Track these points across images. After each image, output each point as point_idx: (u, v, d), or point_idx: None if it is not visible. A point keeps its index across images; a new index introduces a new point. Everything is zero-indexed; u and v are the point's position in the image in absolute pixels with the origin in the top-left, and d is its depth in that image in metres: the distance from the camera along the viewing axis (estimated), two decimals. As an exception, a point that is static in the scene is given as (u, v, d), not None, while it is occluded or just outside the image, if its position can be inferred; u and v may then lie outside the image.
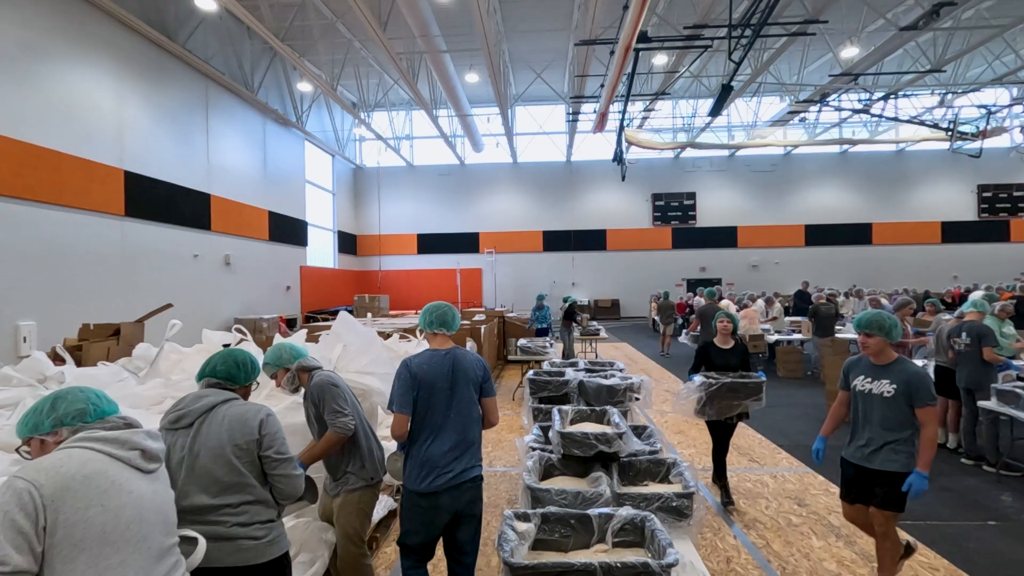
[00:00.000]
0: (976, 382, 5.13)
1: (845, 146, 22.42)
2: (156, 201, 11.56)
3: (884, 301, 11.67)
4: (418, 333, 6.04)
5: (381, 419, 4.02)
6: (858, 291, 14.58)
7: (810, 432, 6.30)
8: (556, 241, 23.66)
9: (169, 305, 7.56)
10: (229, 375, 2.12)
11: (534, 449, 3.11)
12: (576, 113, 18.47)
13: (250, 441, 1.93)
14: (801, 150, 22.81)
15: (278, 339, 4.05)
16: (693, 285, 22.03)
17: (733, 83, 12.71)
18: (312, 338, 4.91)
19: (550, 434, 3.13)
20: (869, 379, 2.93)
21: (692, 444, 5.99)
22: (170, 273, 11.86)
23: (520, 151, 23.47)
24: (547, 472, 2.93)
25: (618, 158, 18.62)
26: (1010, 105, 18.42)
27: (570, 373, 4.50)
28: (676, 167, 23.45)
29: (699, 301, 13.78)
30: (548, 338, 9.97)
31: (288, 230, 17.49)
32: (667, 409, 7.58)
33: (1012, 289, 14.28)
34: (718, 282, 22.35)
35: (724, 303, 11.11)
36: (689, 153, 22.75)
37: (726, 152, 22.77)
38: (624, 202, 23.47)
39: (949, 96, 18.41)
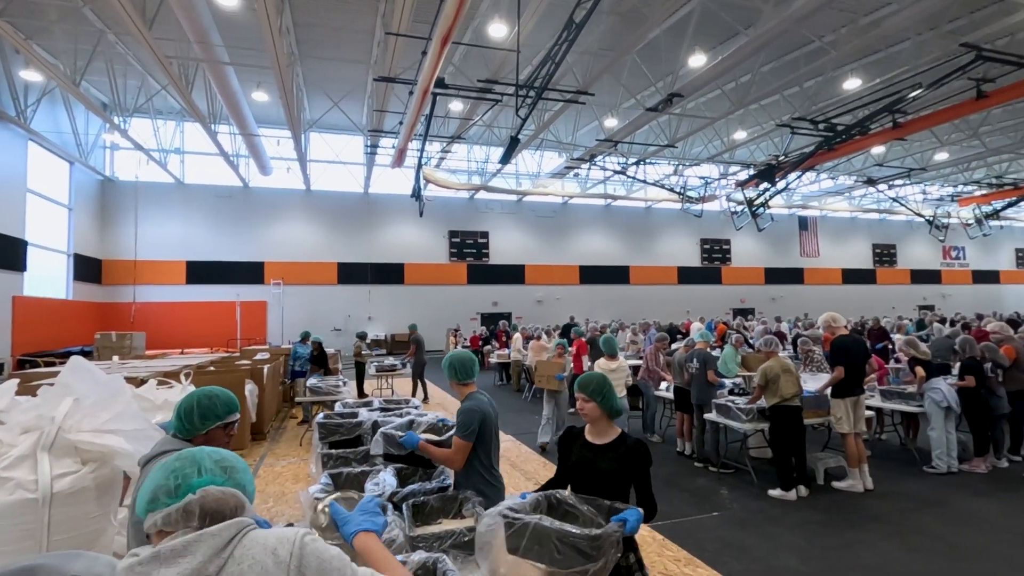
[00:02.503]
0: (705, 399, 6.34)
1: (608, 200, 26.34)
2: None
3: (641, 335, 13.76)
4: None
5: (131, 487, 3.30)
6: (622, 324, 17.04)
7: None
8: (352, 273, 22.83)
9: None
10: (174, 428, 1.79)
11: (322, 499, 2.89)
12: (375, 146, 18.38)
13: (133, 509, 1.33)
14: (575, 201, 26.08)
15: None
16: (487, 319, 23.22)
17: (520, 136, 14.04)
18: (28, 390, 3.84)
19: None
20: None
21: (485, 474, 6.20)
22: None
23: (314, 178, 22.32)
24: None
25: (416, 194, 18.96)
26: (720, 178, 23.80)
27: (364, 414, 4.33)
28: (471, 206, 24.76)
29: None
30: (341, 376, 9.44)
31: (-4, 250, 13.73)
32: (462, 442, 7.74)
33: (726, 323, 18.16)
34: (508, 316, 23.92)
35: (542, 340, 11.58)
36: (483, 195, 24.27)
37: (515, 197, 24.87)
38: (422, 237, 23.86)
39: (680, 167, 23.03)
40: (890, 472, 5.96)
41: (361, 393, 10.86)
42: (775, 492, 5.26)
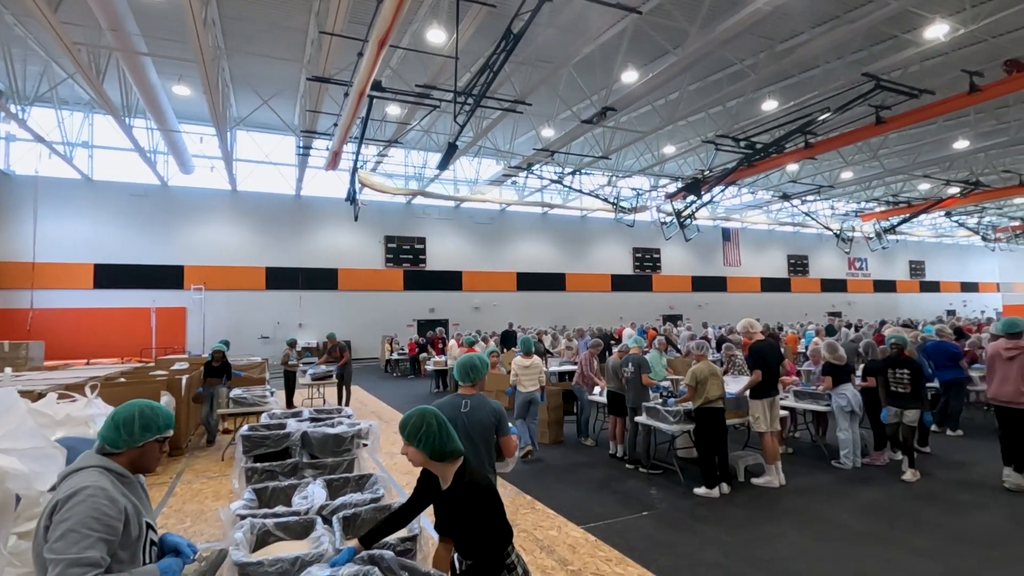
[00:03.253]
0: (639, 402, 6.54)
1: (546, 208, 26.78)
2: None
3: (577, 340, 14.04)
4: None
5: (20, 510, 2.99)
6: (562, 329, 17.35)
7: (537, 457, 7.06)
8: (282, 278, 21.90)
9: None
10: (106, 439, 1.78)
11: (244, 517, 2.75)
12: (307, 147, 17.78)
13: (40, 528, 1.56)
14: (513, 208, 26.34)
15: None
16: (423, 326, 22.93)
17: (458, 142, 14.06)
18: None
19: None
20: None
21: (420, 483, 6.10)
22: None
23: (241, 179, 21.29)
24: (262, 540, 2.62)
25: (351, 198, 18.51)
26: (650, 190, 24.79)
27: (292, 424, 4.16)
28: (408, 212, 24.44)
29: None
30: (268, 386, 8.99)
31: None
32: (397, 451, 7.60)
33: (655, 328, 18.88)
34: (446, 323, 23.74)
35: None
36: (420, 200, 24.03)
37: (452, 203, 24.80)
38: (357, 242, 23.28)
39: (614, 178, 23.80)
40: (803, 467, 6.40)
41: (290, 403, 10.42)
42: (700, 490, 5.52)
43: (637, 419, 6.32)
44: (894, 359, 6.08)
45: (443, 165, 15.26)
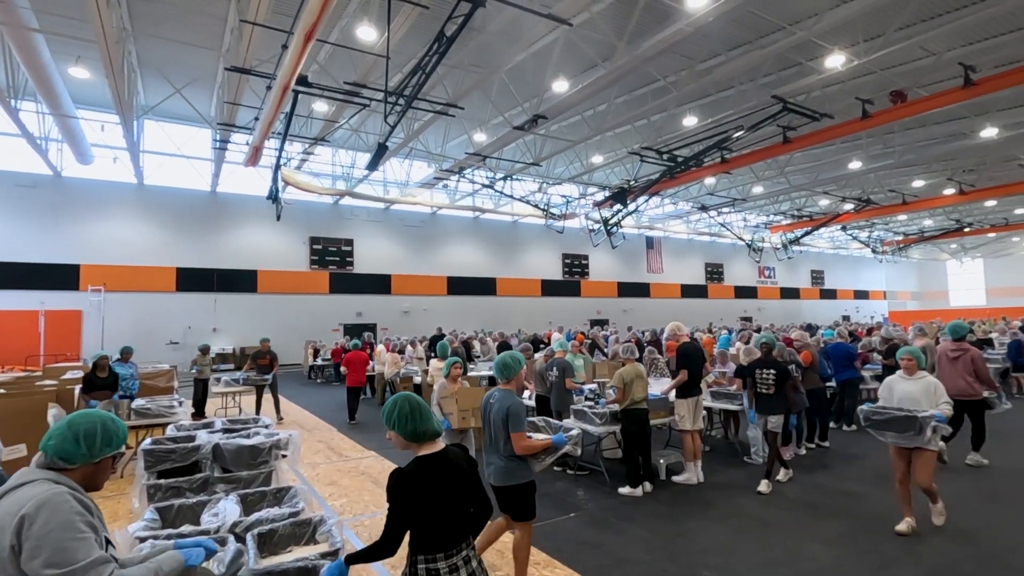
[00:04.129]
0: (563, 405, 6.65)
1: (477, 212, 26.79)
2: None
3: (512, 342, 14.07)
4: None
5: None
6: (489, 333, 17.36)
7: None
8: (195, 280, 20.46)
9: None
10: (60, 452, 1.61)
11: (145, 539, 2.52)
12: (225, 141, 16.75)
13: (3, 550, 1.38)
14: (445, 211, 26.15)
15: None
16: (350, 330, 22.22)
17: (388, 143, 13.78)
18: None
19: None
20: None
21: (344, 494, 5.88)
22: None
23: (149, 172, 19.72)
24: (163, 564, 2.40)
25: (274, 196, 17.68)
26: (579, 198, 25.44)
27: (203, 436, 3.88)
28: (335, 213, 23.63)
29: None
30: (176, 396, 8.33)
31: None
32: (320, 461, 7.29)
33: (583, 333, 19.32)
34: (374, 328, 23.13)
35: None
36: (348, 201, 23.31)
37: (382, 204, 24.24)
38: (279, 243, 22.21)
39: (544, 185, 24.21)
40: (718, 464, 6.75)
41: (200, 413, 9.74)
42: (624, 490, 5.68)
43: (564, 421, 6.42)
44: (762, 360, 5.99)
45: (372, 166, 14.90)
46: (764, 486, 5.66)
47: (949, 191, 24.97)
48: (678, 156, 17.45)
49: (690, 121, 16.46)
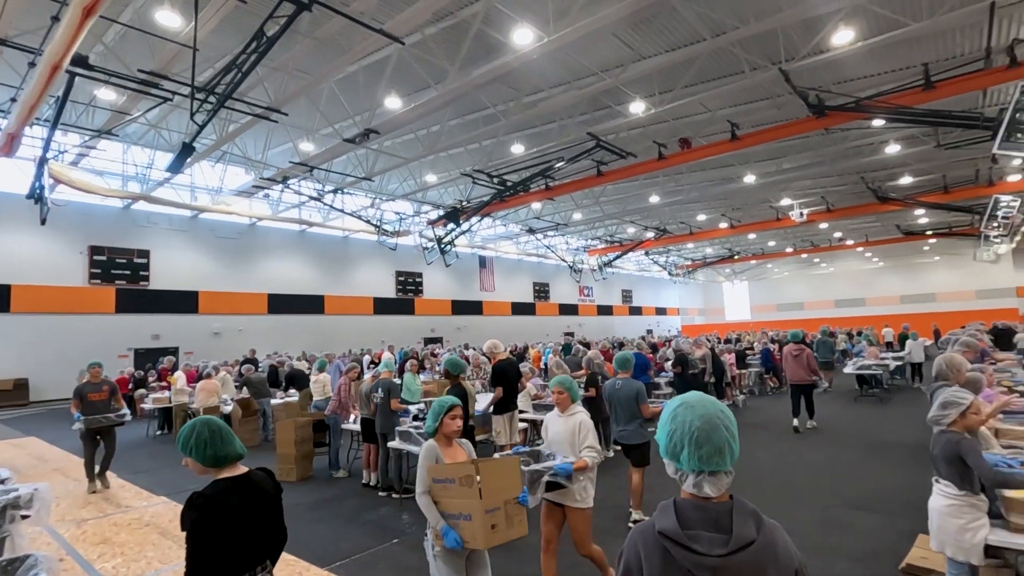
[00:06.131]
0: (388, 427, 6.45)
1: (303, 226, 25.13)
2: None
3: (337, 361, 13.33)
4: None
5: None
6: (313, 356, 16.22)
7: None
8: (-89, 297, 15.85)
9: None
10: None
11: None
12: (-34, 123, 13.40)
13: None
14: (266, 223, 24.03)
15: None
16: (142, 355, 19.11)
17: (196, 144, 12.32)
18: None
19: None
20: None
21: (120, 553, 4.95)
22: None
23: None
24: None
25: (36, 195, 14.64)
26: (413, 215, 25.35)
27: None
28: (126, 219, 20.26)
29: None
30: None
31: None
32: (89, 515, 6.07)
33: (416, 351, 19.13)
34: (175, 352, 20.19)
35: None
36: (144, 206, 20.18)
37: (189, 212, 21.47)
38: (46, 252, 18.32)
39: (377, 200, 23.65)
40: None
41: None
42: (450, 508, 5.67)
43: (390, 444, 6.24)
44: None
45: (175, 168, 13.11)
46: None
47: (723, 225, 30.05)
48: (507, 180, 18.38)
49: (518, 149, 17.48)
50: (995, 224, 22.20)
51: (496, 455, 2.93)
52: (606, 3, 9.32)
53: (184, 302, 21.43)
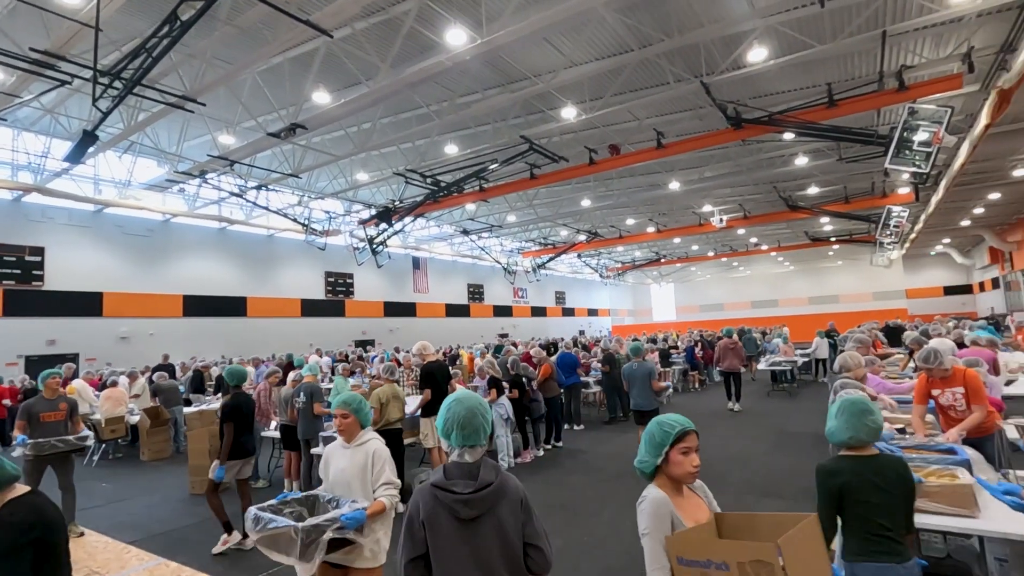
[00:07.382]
0: (312, 432, 6.22)
1: (224, 223, 23.77)
2: None
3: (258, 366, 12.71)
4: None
5: None
6: (241, 360, 15.36)
7: (172, 520, 5.91)
8: None
9: None
10: None
11: None
12: None
13: None
14: (181, 220, 22.52)
15: None
16: (35, 364, 17.37)
17: (99, 132, 11.38)
18: None
19: None
20: None
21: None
22: None
23: None
24: None
25: (-95, 184, 13.02)
26: (344, 214, 24.61)
27: None
28: (16, 212, 18.33)
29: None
30: None
31: None
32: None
33: (346, 355, 18.57)
34: (75, 358, 18.50)
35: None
36: (37, 199, 18.36)
37: (92, 207, 19.76)
38: (-84, 247, 16.27)
39: (305, 198, 22.77)
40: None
41: None
42: (377, 514, 5.54)
43: (313, 450, 6.02)
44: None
45: (74, 158, 12.00)
46: None
47: (651, 229, 31.29)
48: (441, 181, 18.24)
49: (452, 149, 17.38)
50: (888, 232, 24.51)
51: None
52: (538, 8, 9.47)
53: (86, 304, 19.66)
